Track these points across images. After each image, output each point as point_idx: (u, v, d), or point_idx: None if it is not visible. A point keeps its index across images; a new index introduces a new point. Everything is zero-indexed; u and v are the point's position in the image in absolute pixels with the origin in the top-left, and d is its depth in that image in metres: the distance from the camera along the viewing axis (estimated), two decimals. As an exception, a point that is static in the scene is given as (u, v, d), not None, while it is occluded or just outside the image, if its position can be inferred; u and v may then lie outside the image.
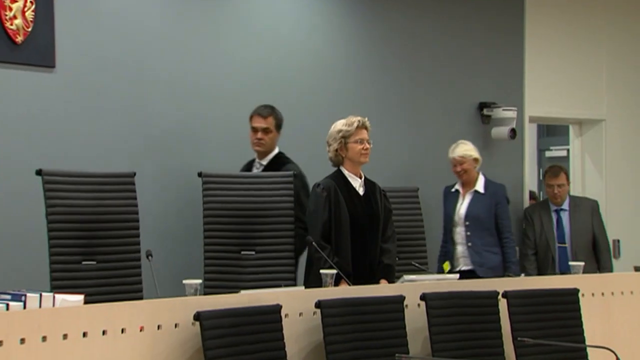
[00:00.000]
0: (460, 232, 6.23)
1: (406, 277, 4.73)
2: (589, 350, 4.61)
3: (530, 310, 4.62)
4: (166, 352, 3.59)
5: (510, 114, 6.98)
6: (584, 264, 5.30)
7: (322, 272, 4.44)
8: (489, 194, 6.27)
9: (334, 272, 4.43)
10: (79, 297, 3.50)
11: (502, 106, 7.00)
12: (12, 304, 3.29)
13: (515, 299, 4.59)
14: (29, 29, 5.02)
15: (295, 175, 5.25)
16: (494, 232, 6.24)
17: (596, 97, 7.65)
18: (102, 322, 3.42)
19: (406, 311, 4.30)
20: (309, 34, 6.25)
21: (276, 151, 5.50)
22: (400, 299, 4.30)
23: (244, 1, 6.01)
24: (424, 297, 4.36)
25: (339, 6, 6.39)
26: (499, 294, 4.59)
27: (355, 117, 5.00)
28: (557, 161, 7.18)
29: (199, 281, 3.99)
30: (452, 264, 6.24)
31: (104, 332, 3.43)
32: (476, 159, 6.25)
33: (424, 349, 4.39)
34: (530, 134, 7.81)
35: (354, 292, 4.30)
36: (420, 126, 6.72)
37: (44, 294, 3.38)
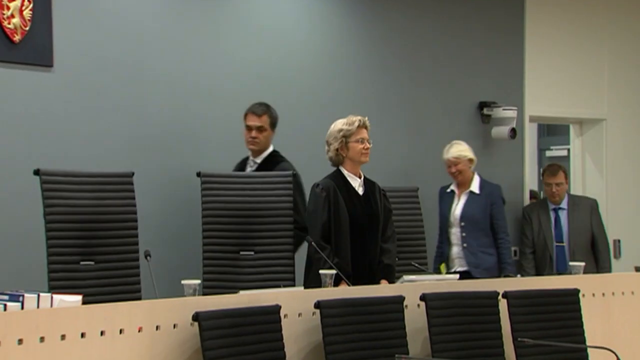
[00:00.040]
0: (455, 233, 6.21)
1: (406, 277, 4.72)
2: (590, 350, 4.61)
3: (530, 310, 4.61)
4: (165, 352, 3.58)
5: (510, 113, 6.96)
6: (584, 264, 5.28)
7: (321, 272, 4.43)
8: (485, 194, 6.24)
9: (333, 272, 4.42)
10: (77, 298, 3.49)
11: (502, 106, 6.98)
12: (9, 304, 3.27)
13: (515, 299, 4.58)
14: (27, 28, 5.01)
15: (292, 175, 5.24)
16: (490, 232, 6.22)
17: (597, 96, 7.64)
18: (100, 323, 3.41)
19: (406, 311, 4.29)
20: (309, 34, 6.24)
21: (270, 149, 5.46)
22: (400, 299, 4.28)
23: (244, 1, 6.00)
24: (423, 298, 4.35)
25: (338, 6, 6.38)
26: (499, 294, 4.58)
27: (355, 117, 4.99)
28: (558, 161, 7.16)
29: (198, 281, 3.98)
30: (447, 265, 6.21)
31: (102, 333, 3.42)
32: (471, 160, 6.20)
33: (423, 349, 4.38)
34: (530, 134, 7.79)
35: (353, 292, 4.29)
36: (420, 126, 6.71)
37: (41, 294, 3.37)
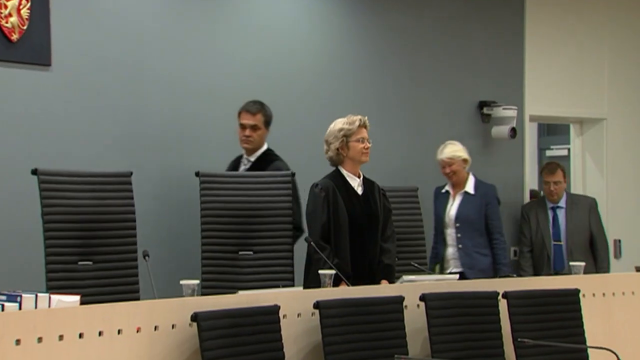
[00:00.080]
0: (450, 234, 6.17)
1: (405, 277, 4.70)
2: (590, 351, 4.59)
3: (530, 310, 4.59)
4: (163, 353, 3.57)
5: (510, 112, 6.95)
6: (584, 264, 5.26)
7: (320, 272, 4.41)
8: (479, 194, 6.20)
9: (333, 272, 4.40)
10: (75, 298, 3.47)
11: (502, 105, 6.97)
12: (7, 304, 3.26)
13: (515, 299, 4.56)
14: (25, 27, 5.00)
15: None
16: (485, 233, 6.18)
17: (597, 95, 7.63)
18: (99, 323, 3.40)
19: (405, 312, 4.27)
20: (309, 33, 6.23)
21: (264, 148, 5.43)
22: (399, 300, 4.27)
23: (244, 1, 5.99)
24: (423, 298, 4.33)
25: (338, 6, 6.37)
26: (499, 294, 4.56)
27: (356, 116, 4.97)
28: (558, 160, 7.14)
29: (197, 282, 3.96)
30: (442, 265, 6.18)
31: (100, 333, 3.40)
32: (465, 160, 6.17)
33: (423, 349, 4.36)
34: (530, 133, 7.79)
35: (352, 292, 4.28)
36: (419, 125, 6.70)
37: (39, 294, 3.35)
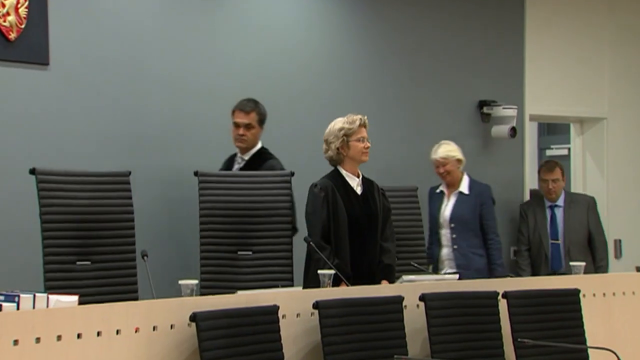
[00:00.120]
0: (445, 234, 6.14)
1: (405, 277, 4.69)
2: (590, 351, 4.58)
3: (530, 310, 4.58)
4: (162, 353, 3.55)
5: (510, 112, 6.94)
6: (584, 264, 5.25)
7: (319, 272, 4.40)
8: (474, 194, 6.17)
9: (332, 272, 4.39)
10: (74, 298, 3.46)
11: (502, 104, 6.96)
12: (5, 304, 3.25)
13: (515, 299, 4.55)
14: (23, 26, 5.00)
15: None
16: (480, 233, 6.16)
17: (598, 95, 7.62)
18: (97, 323, 3.39)
19: (405, 312, 4.26)
20: (308, 33, 6.22)
21: (259, 146, 5.41)
22: (399, 300, 4.25)
23: (243, 0, 5.97)
24: (423, 298, 4.32)
25: (338, 5, 6.36)
26: (499, 294, 4.55)
27: (356, 115, 4.95)
28: (558, 160, 7.12)
29: (195, 282, 3.95)
30: (436, 266, 6.14)
31: (99, 334, 3.39)
32: (459, 160, 6.14)
33: (423, 350, 4.35)
34: (530, 133, 7.77)
35: (352, 292, 4.26)
36: (419, 124, 6.69)
37: (37, 294, 3.35)
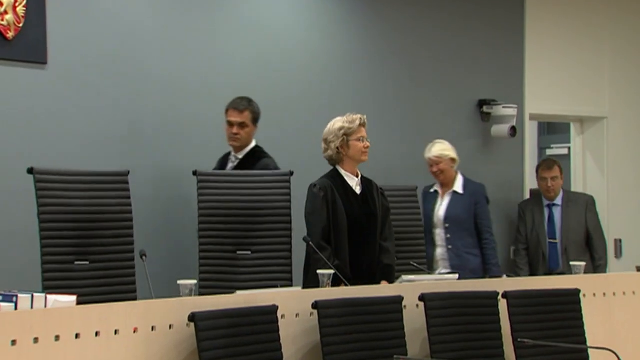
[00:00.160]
0: (439, 234, 6.11)
1: (405, 277, 4.68)
2: (590, 351, 4.57)
3: (530, 310, 4.57)
4: (160, 353, 3.55)
5: (510, 111, 6.93)
6: (584, 264, 5.23)
7: (319, 272, 4.38)
8: (468, 194, 6.16)
9: (331, 272, 4.38)
10: (72, 298, 3.46)
11: (502, 103, 6.95)
12: (3, 304, 3.24)
13: (515, 299, 4.54)
14: (20, 25, 4.99)
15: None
16: (474, 233, 6.14)
17: (598, 94, 7.61)
18: (95, 323, 3.38)
19: (405, 312, 4.25)
20: (308, 33, 6.21)
21: (253, 145, 5.38)
22: (398, 300, 4.25)
23: (242, 0, 5.96)
24: (422, 298, 4.31)
25: (338, 5, 6.35)
26: (498, 294, 4.54)
27: (355, 115, 4.94)
28: (559, 159, 7.11)
29: (194, 282, 3.94)
30: (430, 266, 6.12)
31: (97, 334, 3.38)
32: (453, 159, 6.12)
33: (422, 350, 4.34)
34: (530, 132, 7.75)
35: (351, 292, 4.25)
36: (419, 124, 6.68)
37: (35, 294, 3.34)
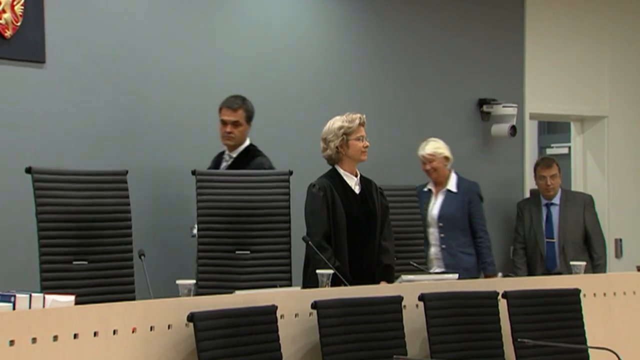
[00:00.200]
0: (433, 233, 6.08)
1: (404, 277, 4.67)
2: (590, 351, 4.56)
3: (530, 310, 4.56)
4: (159, 353, 3.54)
5: (510, 110, 6.92)
6: (584, 263, 5.22)
7: (318, 272, 4.37)
8: (462, 192, 6.14)
9: (331, 272, 4.37)
10: (70, 298, 3.45)
11: (502, 103, 6.94)
12: (1, 304, 3.24)
13: (515, 299, 4.53)
14: (19, 24, 4.98)
15: (266, 169, 5.21)
16: (469, 231, 6.12)
17: (598, 93, 7.60)
18: (94, 323, 3.37)
19: (404, 312, 4.24)
20: (308, 32, 6.21)
21: (247, 143, 5.37)
22: (398, 299, 4.24)
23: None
24: (422, 298, 4.30)
25: (338, 5, 6.35)
26: (498, 294, 4.53)
27: (355, 114, 4.93)
28: (559, 159, 7.11)
29: (193, 281, 3.94)
30: (425, 265, 6.11)
31: (96, 334, 3.38)
32: (447, 157, 6.10)
33: (422, 350, 4.34)
34: (530, 131, 7.75)
35: (350, 292, 4.25)
36: (419, 123, 6.66)
37: (33, 294, 3.33)
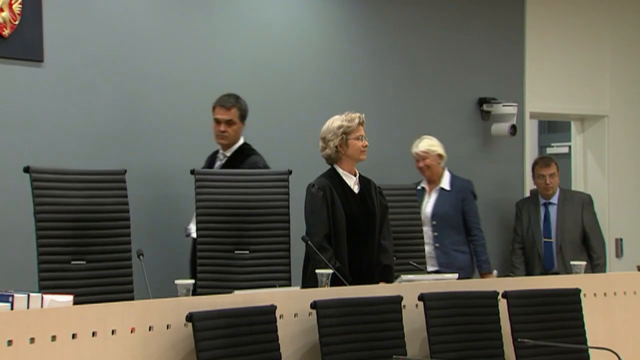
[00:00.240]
0: (427, 232, 6.03)
1: (404, 277, 4.67)
2: (591, 351, 4.56)
3: (530, 310, 4.55)
4: (158, 353, 3.54)
5: (510, 109, 6.91)
6: (585, 263, 5.21)
7: (317, 272, 4.37)
8: (455, 190, 6.14)
9: (330, 271, 4.36)
10: (68, 298, 3.45)
11: (502, 102, 6.94)
12: (-1, 304, 3.23)
13: (515, 299, 4.53)
14: (16, 22, 4.98)
15: (260, 168, 5.21)
16: (462, 230, 6.12)
17: (599, 92, 7.59)
18: (92, 323, 3.37)
19: (404, 312, 4.23)
20: (308, 32, 6.21)
21: (241, 142, 5.36)
22: (397, 299, 4.23)
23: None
24: (422, 297, 4.30)
25: (338, 4, 6.35)
26: (498, 294, 4.53)
27: (354, 113, 4.92)
28: (559, 158, 7.11)
29: (192, 281, 3.93)
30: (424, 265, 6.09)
31: (94, 334, 3.37)
32: (440, 155, 6.11)
33: (422, 350, 4.33)
34: (531, 131, 7.74)
35: (350, 292, 4.24)
36: (418, 122, 6.66)
37: (32, 294, 3.33)
